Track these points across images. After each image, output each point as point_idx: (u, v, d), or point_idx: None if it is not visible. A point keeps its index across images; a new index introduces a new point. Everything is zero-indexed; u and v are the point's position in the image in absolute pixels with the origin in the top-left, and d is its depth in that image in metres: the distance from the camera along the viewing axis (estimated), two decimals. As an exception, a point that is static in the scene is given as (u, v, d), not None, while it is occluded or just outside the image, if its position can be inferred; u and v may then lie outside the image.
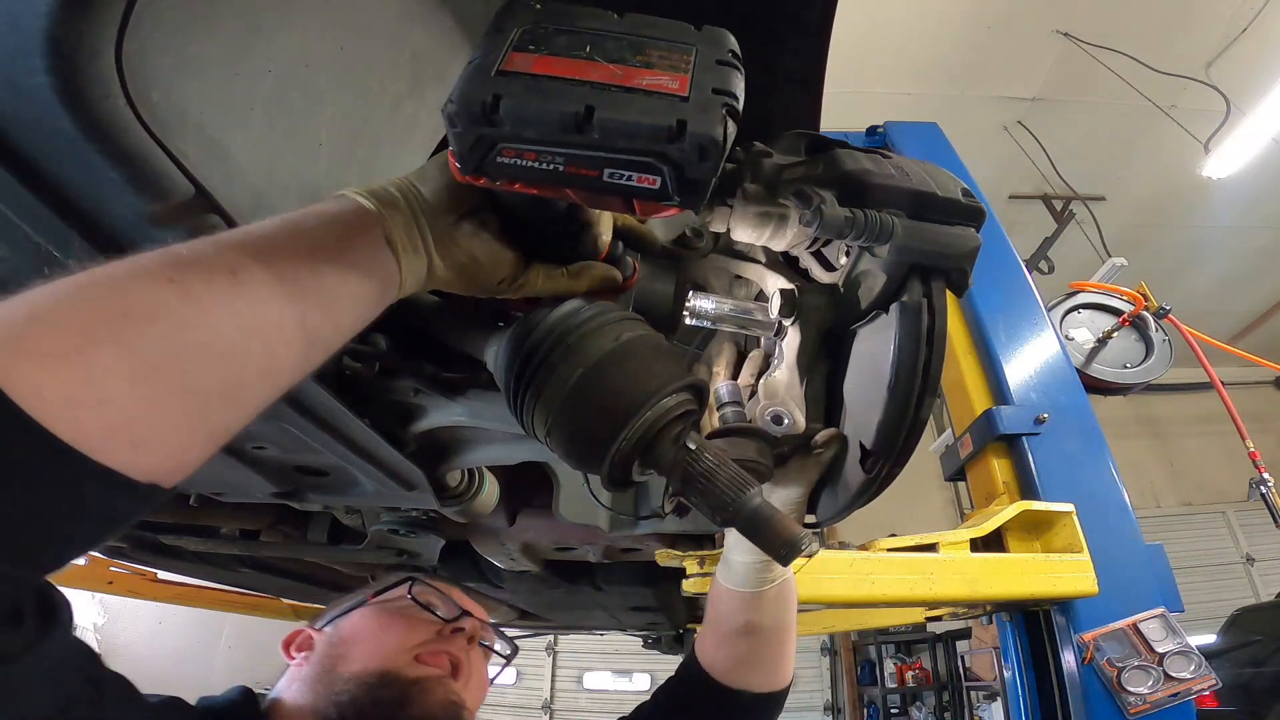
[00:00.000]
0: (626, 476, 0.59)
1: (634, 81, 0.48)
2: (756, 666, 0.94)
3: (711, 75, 0.50)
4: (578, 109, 0.45)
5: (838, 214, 0.57)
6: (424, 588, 1.02)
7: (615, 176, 0.47)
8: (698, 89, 0.48)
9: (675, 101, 0.47)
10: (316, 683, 0.89)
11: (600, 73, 0.48)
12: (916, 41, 5.77)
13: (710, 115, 0.47)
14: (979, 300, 2.64)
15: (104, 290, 0.39)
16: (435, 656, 0.94)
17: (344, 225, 0.50)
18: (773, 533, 0.54)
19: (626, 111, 0.46)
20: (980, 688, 7.16)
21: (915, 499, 7.58)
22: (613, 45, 0.50)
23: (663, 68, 0.49)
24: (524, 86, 0.47)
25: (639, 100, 0.47)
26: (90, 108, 0.45)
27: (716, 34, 0.55)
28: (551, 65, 0.48)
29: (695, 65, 0.50)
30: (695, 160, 0.46)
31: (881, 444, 0.65)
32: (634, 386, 0.56)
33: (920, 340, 0.61)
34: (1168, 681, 1.87)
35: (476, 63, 0.48)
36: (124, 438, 0.38)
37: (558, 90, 0.47)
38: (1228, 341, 4.22)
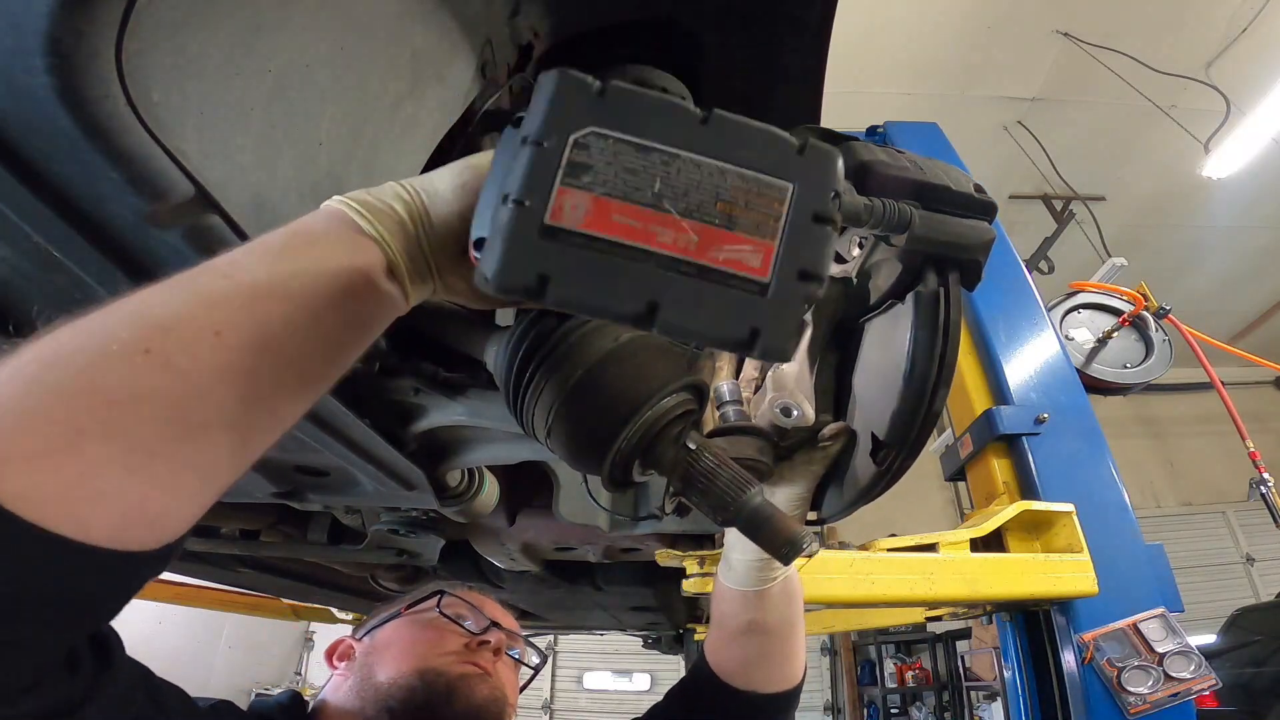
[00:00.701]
0: (627, 477, 0.59)
1: (709, 256, 0.40)
2: (764, 666, 0.94)
3: (803, 244, 0.41)
4: (638, 309, 0.39)
5: (857, 202, 0.57)
6: (453, 600, 1.06)
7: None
8: (782, 272, 0.41)
9: (752, 297, 0.40)
10: (360, 689, 0.94)
11: (670, 238, 0.39)
12: (916, 41, 5.77)
13: (787, 324, 0.41)
14: (979, 300, 2.64)
15: (77, 373, 0.36)
16: (465, 664, 0.98)
17: (348, 271, 0.44)
18: (773, 532, 0.54)
19: (694, 314, 0.40)
20: (980, 688, 7.16)
21: (915, 499, 7.58)
22: (689, 177, 0.40)
23: (747, 228, 0.41)
24: (577, 262, 0.39)
25: (711, 292, 0.40)
26: (90, 108, 0.45)
27: (822, 164, 0.43)
28: (610, 219, 0.39)
29: (786, 224, 0.41)
30: (763, 356, 0.42)
31: (895, 434, 0.65)
32: (634, 386, 0.56)
33: (937, 330, 0.62)
34: (1168, 681, 1.87)
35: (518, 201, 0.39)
36: (136, 521, 0.37)
37: (616, 272, 0.39)
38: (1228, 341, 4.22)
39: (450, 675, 0.94)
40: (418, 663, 0.95)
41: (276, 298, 0.42)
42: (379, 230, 0.45)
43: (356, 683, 0.95)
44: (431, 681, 0.92)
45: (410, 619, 1.04)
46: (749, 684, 0.93)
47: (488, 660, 1.00)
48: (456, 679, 0.94)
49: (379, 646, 1.00)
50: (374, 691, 0.92)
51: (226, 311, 0.40)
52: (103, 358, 0.37)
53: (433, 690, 0.92)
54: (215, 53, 0.52)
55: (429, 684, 0.92)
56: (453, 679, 0.94)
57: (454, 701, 0.92)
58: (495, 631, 1.04)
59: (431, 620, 1.03)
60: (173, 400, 0.38)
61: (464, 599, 1.08)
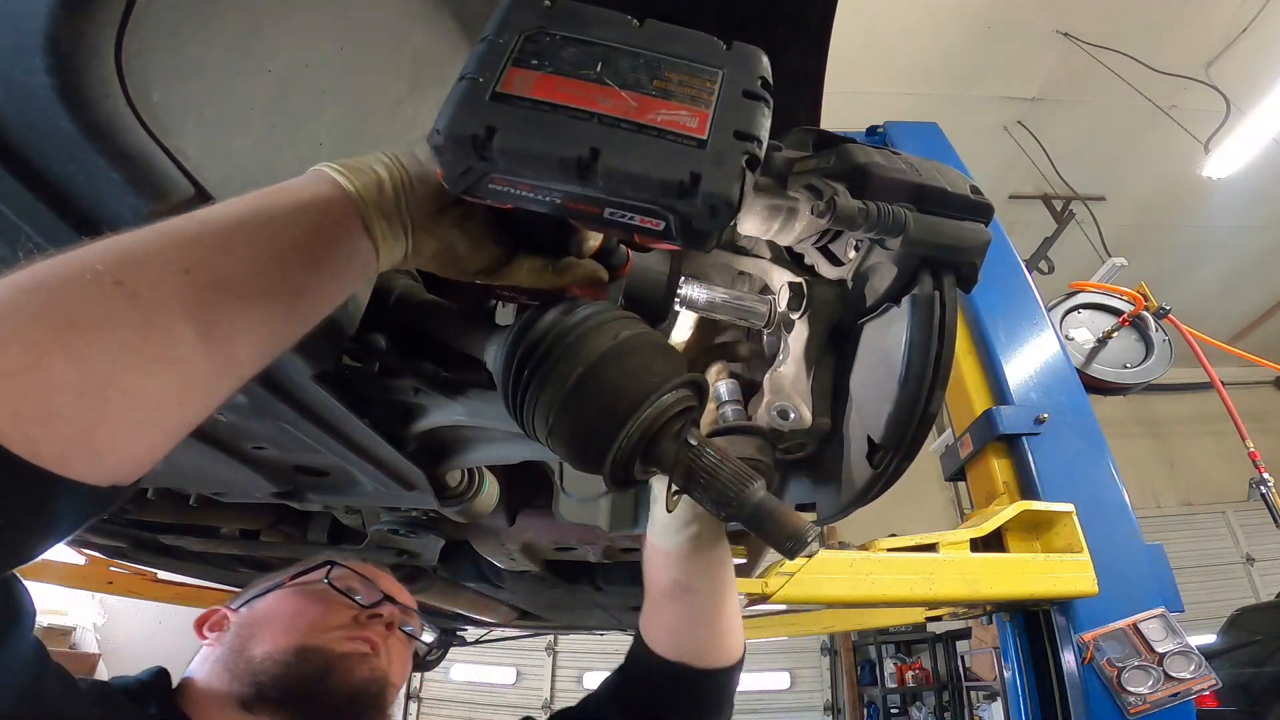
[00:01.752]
0: (629, 475, 0.59)
1: (648, 116, 0.43)
2: (694, 635, 0.88)
3: (736, 112, 0.44)
4: (581, 153, 0.41)
5: (851, 205, 0.57)
6: (344, 572, 1.00)
7: (617, 215, 0.44)
8: (718, 131, 0.43)
9: (690, 149, 0.42)
10: (229, 662, 0.88)
11: (611, 103, 0.42)
12: (917, 41, 5.77)
13: (727, 170, 0.42)
14: (979, 300, 2.65)
15: (49, 297, 0.37)
16: (352, 641, 0.93)
17: (319, 214, 0.46)
18: (777, 526, 0.54)
19: (634, 159, 0.41)
20: (980, 688, 7.16)
21: (915, 499, 7.57)
22: (628, 64, 0.44)
23: (682, 98, 0.44)
24: (521, 118, 0.41)
25: (650, 143, 0.42)
26: (90, 108, 0.45)
27: (748, 55, 0.48)
28: (555, 89, 0.42)
29: (719, 96, 0.45)
30: (705, 216, 0.43)
31: (891, 436, 0.65)
32: (634, 384, 0.56)
33: (932, 332, 0.62)
34: (1168, 681, 1.87)
35: (469, 78, 0.43)
36: (81, 449, 0.38)
37: (559, 125, 0.42)
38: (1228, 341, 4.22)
39: (330, 654, 0.89)
40: (298, 638, 0.89)
41: (245, 241, 0.43)
42: (355, 186, 0.47)
43: (226, 655, 0.89)
44: (308, 659, 0.87)
45: (295, 590, 0.98)
46: (680, 654, 0.87)
47: (378, 635, 0.95)
48: (336, 658, 0.89)
49: (258, 618, 0.94)
50: (245, 665, 0.86)
51: (197, 252, 0.41)
52: (75, 285, 0.38)
53: (308, 668, 0.86)
54: (215, 53, 0.52)
55: (305, 661, 0.87)
56: (331, 657, 0.89)
57: (329, 681, 0.86)
58: (387, 605, 0.99)
59: (319, 592, 0.97)
60: (134, 330, 0.38)
61: (356, 570, 1.02)
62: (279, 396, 0.78)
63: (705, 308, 0.77)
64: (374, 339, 0.76)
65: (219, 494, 1.26)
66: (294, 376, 0.74)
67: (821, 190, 0.59)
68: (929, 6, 5.52)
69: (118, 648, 6.68)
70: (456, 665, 8.14)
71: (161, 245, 0.41)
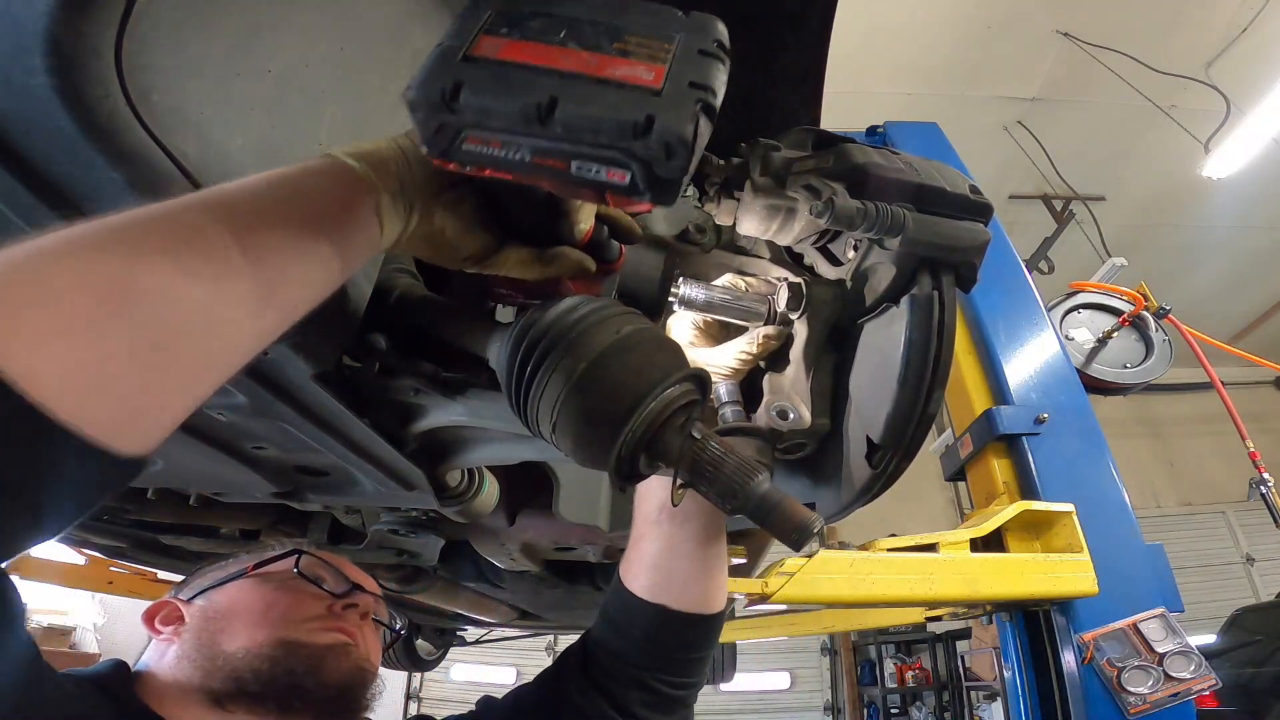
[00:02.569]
0: (633, 470, 0.59)
1: (606, 72, 0.45)
2: (674, 569, 0.83)
3: (691, 67, 0.47)
4: (540, 100, 0.43)
5: (849, 205, 0.57)
6: (312, 560, 0.97)
7: (584, 170, 0.45)
8: (673, 81, 0.46)
9: (646, 95, 0.45)
10: (198, 658, 0.84)
11: (572, 61, 0.45)
12: (917, 41, 5.77)
13: (681, 111, 0.44)
14: (979, 300, 2.65)
15: (106, 262, 0.38)
16: (330, 633, 0.90)
17: (338, 194, 0.48)
18: (783, 518, 0.55)
19: (591, 104, 0.44)
20: (980, 688, 7.16)
21: (915, 499, 7.58)
22: (590, 31, 0.47)
23: (640, 57, 0.46)
24: (488, 74, 0.45)
25: (608, 93, 0.45)
26: (90, 108, 0.45)
27: (703, 21, 0.51)
28: (521, 51, 0.46)
29: (675, 55, 0.47)
30: (662, 158, 0.44)
31: (890, 437, 0.65)
32: (637, 378, 0.56)
33: (931, 333, 0.62)
34: (1168, 681, 1.87)
35: (444, 45, 0.46)
36: (120, 415, 0.38)
37: (522, 79, 0.44)
38: (1228, 341, 4.22)
39: (315, 646, 0.86)
40: (274, 631, 0.86)
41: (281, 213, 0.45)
42: (368, 171, 0.49)
43: (193, 650, 0.85)
44: (294, 652, 0.84)
45: (260, 580, 0.94)
46: (657, 594, 0.83)
47: (352, 625, 0.93)
48: (323, 650, 0.87)
49: (222, 610, 0.89)
50: (221, 662, 0.83)
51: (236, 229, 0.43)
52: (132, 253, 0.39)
53: (295, 662, 0.83)
54: (215, 53, 0.52)
55: (292, 655, 0.84)
56: (318, 650, 0.86)
57: (320, 676, 0.84)
58: (360, 594, 0.97)
59: (287, 582, 0.93)
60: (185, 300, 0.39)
61: (323, 558, 0.99)
62: (279, 396, 0.78)
63: (703, 306, 0.77)
64: (374, 339, 0.76)
65: (219, 494, 1.26)
66: (294, 376, 0.74)
67: (820, 190, 0.60)
68: (929, 6, 5.52)
69: (118, 648, 6.69)
70: (456, 665, 8.14)
71: (205, 221, 0.42)
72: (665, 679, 0.87)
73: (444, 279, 0.89)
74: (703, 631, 0.86)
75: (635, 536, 0.87)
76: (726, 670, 4.59)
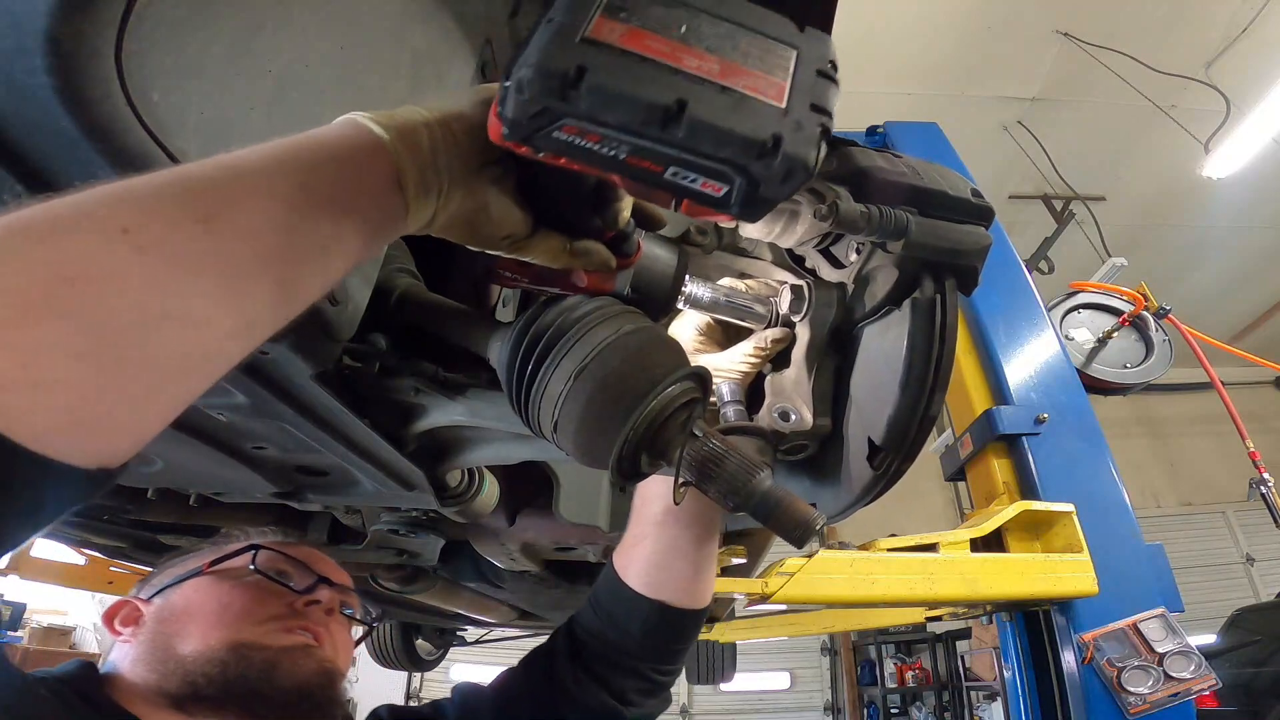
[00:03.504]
0: (635, 468, 0.59)
1: (731, 80, 0.43)
2: (673, 569, 0.85)
3: (811, 87, 0.45)
4: (669, 101, 0.41)
5: (853, 209, 0.57)
6: (272, 556, 0.92)
7: (679, 176, 0.43)
8: (797, 100, 0.44)
9: (773, 112, 0.43)
10: (153, 661, 0.81)
11: (696, 62, 0.43)
12: (916, 41, 5.76)
13: (806, 135, 0.43)
14: (979, 300, 2.65)
15: (43, 245, 0.32)
16: (291, 633, 0.86)
17: (349, 163, 0.42)
18: (785, 515, 0.55)
19: (722, 114, 0.42)
20: (980, 688, 7.16)
21: (915, 499, 7.58)
22: (710, 29, 0.45)
23: (762, 68, 0.44)
24: (613, 63, 0.41)
25: (734, 103, 0.42)
26: (90, 108, 0.45)
27: (820, 38, 0.49)
28: (644, 41, 0.42)
29: (795, 72, 0.45)
30: (778, 181, 0.43)
31: (891, 439, 0.65)
32: (638, 376, 0.56)
33: (933, 336, 0.62)
34: (1168, 681, 1.87)
35: (558, 21, 0.42)
36: (66, 423, 0.33)
37: (649, 75, 0.41)
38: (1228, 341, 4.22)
39: (271, 649, 0.82)
40: (230, 633, 0.81)
41: (266, 190, 0.39)
42: (390, 134, 0.44)
43: (149, 652, 0.82)
44: (247, 656, 0.80)
45: (217, 578, 0.89)
46: (654, 590, 0.85)
47: (317, 623, 0.89)
48: (278, 653, 0.82)
49: (178, 611, 0.85)
50: (175, 665, 0.79)
51: (215, 200, 0.37)
52: (74, 232, 0.33)
53: (249, 667, 0.79)
54: (215, 53, 0.52)
55: (244, 659, 0.80)
56: (274, 653, 0.82)
57: (276, 680, 0.80)
58: (324, 589, 0.92)
59: (245, 579, 0.88)
60: (141, 283, 0.34)
61: (284, 552, 0.94)
62: (279, 396, 0.78)
63: (708, 306, 0.77)
64: (374, 339, 0.76)
65: (219, 494, 1.26)
66: (294, 376, 0.74)
67: (824, 194, 0.60)
68: (929, 6, 5.52)
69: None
70: (456, 665, 8.14)
71: (175, 191, 0.37)
72: (657, 668, 0.90)
73: (444, 278, 0.88)
74: (695, 624, 0.90)
75: (635, 536, 0.88)
76: (726, 670, 4.59)
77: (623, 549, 0.89)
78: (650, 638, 0.87)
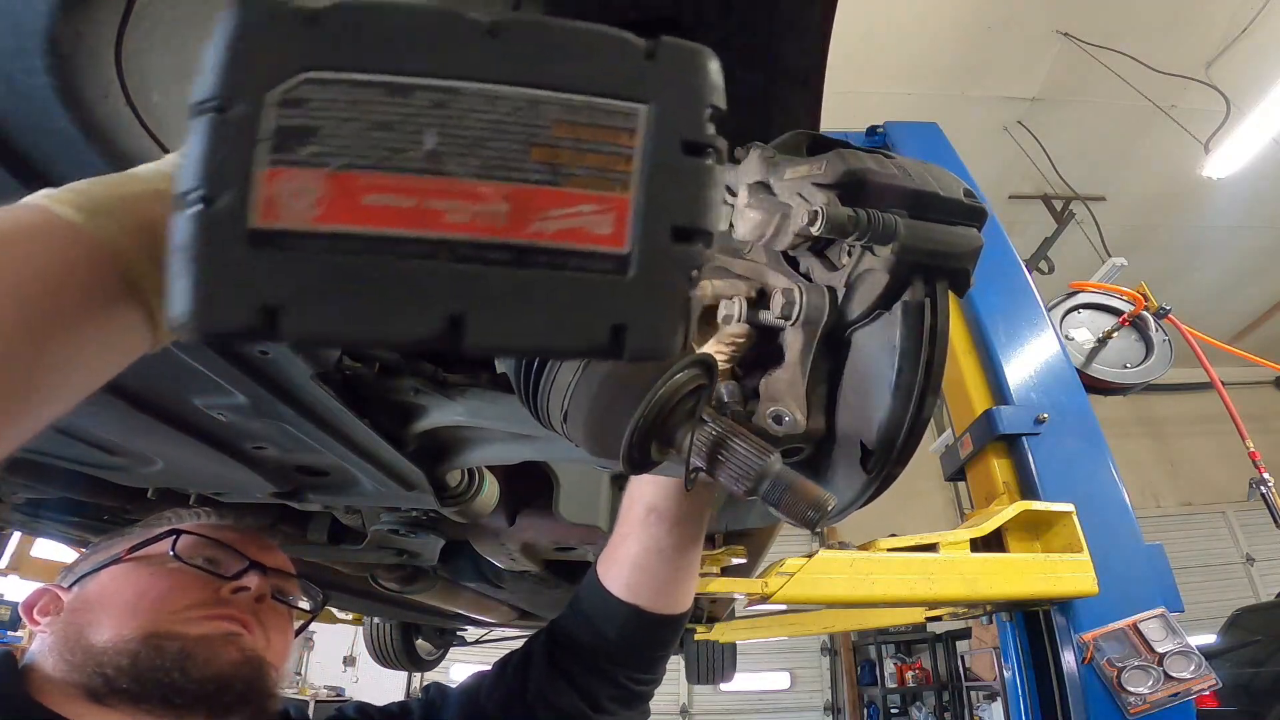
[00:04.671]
0: (645, 456, 0.59)
1: (529, 232, 0.27)
2: (654, 571, 0.83)
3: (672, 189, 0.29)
4: (435, 327, 0.26)
5: (840, 213, 0.57)
6: (197, 542, 0.87)
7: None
8: (646, 230, 0.28)
9: (606, 280, 0.28)
10: (67, 652, 0.77)
11: (467, 211, 0.26)
12: (917, 41, 5.77)
13: (662, 307, 0.29)
14: (979, 300, 2.64)
15: None
16: (212, 621, 0.81)
17: (54, 270, 0.31)
18: (798, 497, 0.55)
19: (521, 320, 0.27)
20: (980, 688, 7.16)
21: (915, 499, 7.58)
22: (480, 120, 0.27)
23: (585, 176, 0.28)
24: (320, 277, 0.26)
25: (541, 285, 0.27)
26: (90, 108, 0.45)
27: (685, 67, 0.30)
28: (361, 205, 0.26)
29: (643, 158, 0.28)
30: (629, 359, 0.29)
31: (883, 443, 0.65)
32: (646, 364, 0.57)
33: (923, 339, 0.62)
34: (1168, 681, 1.87)
35: (198, 201, 0.26)
36: None
37: (390, 280, 0.26)
38: (1228, 341, 4.22)
39: (186, 638, 0.77)
40: (143, 623, 0.77)
41: None
42: (89, 217, 0.31)
43: (61, 644, 0.78)
44: (160, 646, 0.76)
45: (136, 565, 0.84)
46: (633, 594, 0.83)
47: (244, 610, 0.83)
48: (194, 642, 0.77)
49: (92, 600, 0.81)
50: (87, 656, 0.76)
51: None
52: None
53: (162, 657, 0.75)
54: (215, 53, 0.52)
55: (156, 649, 0.75)
56: (187, 643, 0.77)
57: (190, 670, 0.75)
58: (253, 574, 0.86)
59: (166, 566, 0.84)
60: None
61: (210, 537, 0.88)
62: (279, 396, 0.78)
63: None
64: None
65: (219, 494, 1.26)
66: (294, 376, 0.74)
67: (811, 197, 0.60)
68: (929, 6, 5.52)
69: (118, 648, 6.68)
70: (456, 665, 8.13)
71: None
72: (633, 675, 0.88)
73: None
74: (672, 631, 0.88)
75: (619, 537, 0.86)
76: (726, 670, 4.59)
77: (606, 552, 0.88)
78: (626, 642, 0.86)
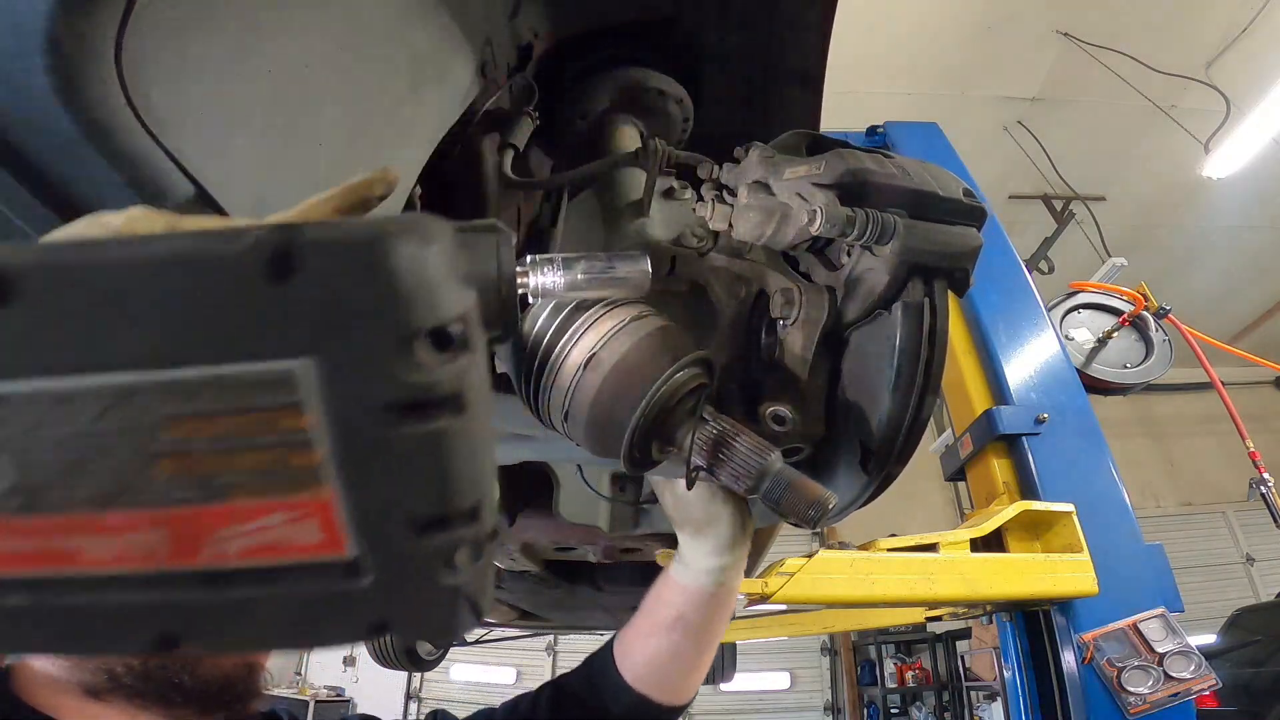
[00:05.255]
0: (646, 455, 0.59)
1: (208, 556, 0.21)
2: (670, 671, 0.90)
3: (388, 471, 0.21)
4: (137, 647, 0.23)
5: (839, 213, 0.57)
6: None
7: None
8: (372, 533, 0.22)
9: (341, 589, 0.22)
10: None
11: (101, 549, 0.20)
12: (917, 41, 5.77)
13: (422, 605, 0.24)
14: (979, 300, 2.65)
15: None
16: None
17: None
18: (799, 495, 0.55)
19: (249, 637, 0.24)
20: (980, 688, 7.16)
21: (915, 499, 7.58)
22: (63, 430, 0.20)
23: (252, 482, 0.20)
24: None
25: (260, 609, 0.22)
26: (90, 108, 0.45)
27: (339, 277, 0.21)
28: None
29: (331, 444, 0.21)
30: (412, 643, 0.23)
31: (882, 443, 0.65)
32: (647, 363, 0.57)
33: (922, 339, 0.62)
34: (1168, 681, 1.87)
35: None
36: None
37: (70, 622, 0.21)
38: (1228, 341, 4.22)
39: None
40: None
41: None
42: None
43: None
44: None
45: None
46: (645, 685, 0.89)
47: None
48: None
49: None
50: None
51: None
52: None
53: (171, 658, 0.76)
54: (215, 53, 0.52)
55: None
56: None
57: (199, 671, 0.77)
58: None
59: None
60: None
61: None
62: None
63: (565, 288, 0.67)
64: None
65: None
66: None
67: (812, 197, 0.60)
68: (929, 6, 5.53)
69: (118, 648, 6.68)
70: (456, 665, 8.14)
71: None
72: None
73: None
74: (675, 716, 0.93)
75: (642, 632, 0.90)
76: (726, 670, 4.59)
77: (627, 638, 0.92)
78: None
